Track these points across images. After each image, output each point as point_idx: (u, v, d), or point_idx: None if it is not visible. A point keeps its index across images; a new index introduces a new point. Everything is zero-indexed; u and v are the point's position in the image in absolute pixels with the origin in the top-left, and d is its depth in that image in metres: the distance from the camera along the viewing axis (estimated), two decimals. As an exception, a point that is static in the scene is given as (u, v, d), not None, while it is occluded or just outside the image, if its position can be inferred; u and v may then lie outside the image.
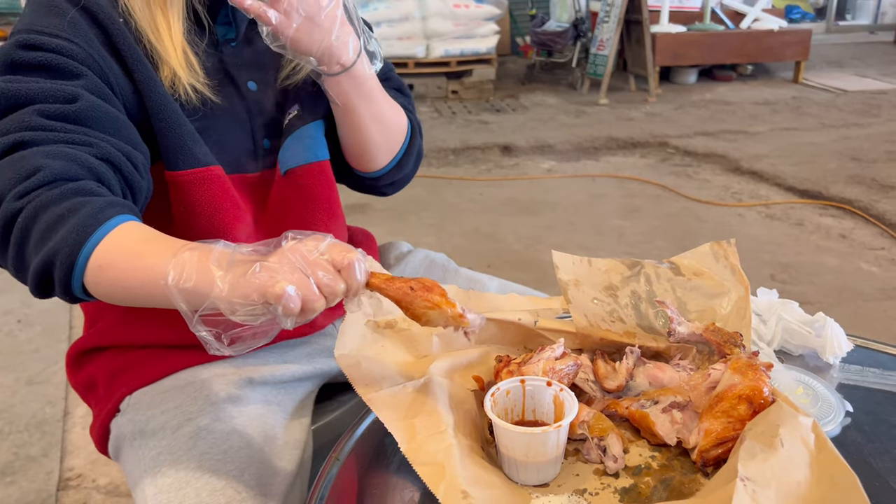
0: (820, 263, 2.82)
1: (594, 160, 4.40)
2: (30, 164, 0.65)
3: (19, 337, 2.34)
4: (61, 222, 0.62)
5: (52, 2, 0.76)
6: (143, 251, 0.62)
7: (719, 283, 0.84)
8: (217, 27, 0.87)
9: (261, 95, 0.90)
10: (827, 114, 5.26)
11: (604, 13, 6.01)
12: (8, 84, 0.70)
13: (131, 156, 0.73)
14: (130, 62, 0.78)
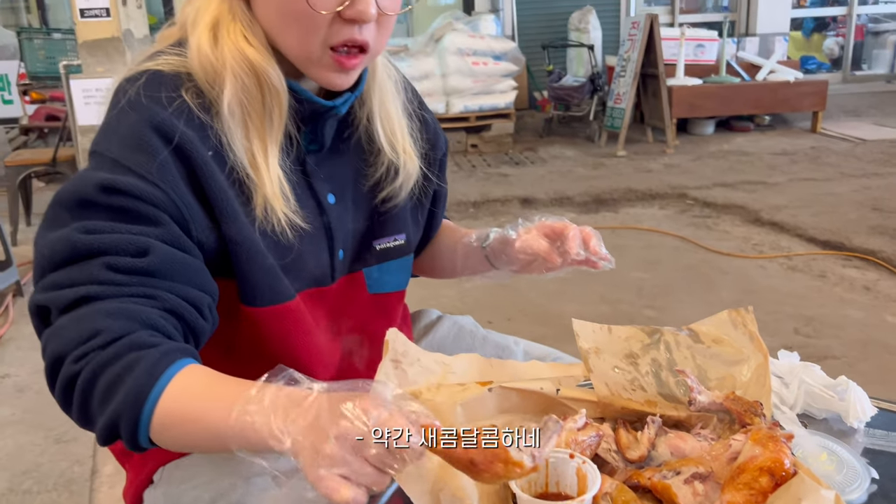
0: (844, 316, 2.79)
1: (613, 212, 4.43)
2: (91, 325, 0.66)
3: (49, 395, 2.37)
4: (119, 382, 0.64)
5: (144, 137, 0.74)
6: (201, 410, 0.63)
7: (738, 351, 0.85)
8: (302, 136, 0.86)
9: (339, 209, 0.90)
10: (846, 163, 5.27)
11: (620, 68, 6.12)
12: (81, 235, 0.70)
13: (197, 301, 0.74)
14: (217, 203, 0.77)
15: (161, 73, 0.79)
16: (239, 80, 0.78)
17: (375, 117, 0.90)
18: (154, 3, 7.15)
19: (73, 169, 4.12)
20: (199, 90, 0.79)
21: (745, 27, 8.10)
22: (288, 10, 0.76)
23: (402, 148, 0.93)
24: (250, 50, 0.78)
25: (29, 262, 3.68)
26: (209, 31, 0.79)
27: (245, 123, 0.79)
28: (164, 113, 0.76)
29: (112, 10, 3.68)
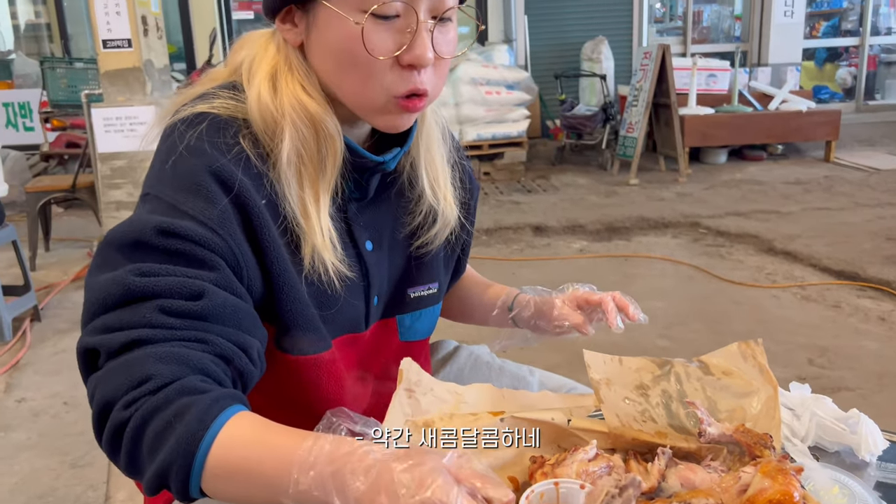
0: (859, 347, 2.78)
1: (625, 240, 4.43)
2: (141, 370, 0.65)
3: (65, 419, 2.40)
4: (170, 429, 0.62)
5: (203, 182, 0.74)
6: (256, 461, 0.61)
7: (748, 383, 0.86)
8: (346, 185, 0.86)
9: (376, 256, 0.90)
10: (860, 193, 5.26)
11: (632, 97, 6.17)
12: (135, 278, 0.69)
13: (247, 346, 0.73)
14: (268, 252, 0.78)
15: (219, 118, 0.79)
16: (297, 130, 0.79)
17: (420, 163, 0.91)
18: (173, 33, 7.29)
19: (91, 195, 4.19)
20: (255, 138, 0.80)
21: (757, 57, 8.15)
22: (346, 59, 0.77)
23: (443, 195, 0.93)
24: (308, 100, 0.79)
25: (47, 286, 3.74)
26: (269, 82, 0.80)
27: (299, 172, 0.80)
28: (224, 159, 0.76)
29: (134, 41, 3.76)
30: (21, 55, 7.51)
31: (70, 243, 4.66)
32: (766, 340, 2.90)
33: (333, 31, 0.77)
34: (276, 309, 0.80)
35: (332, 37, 0.77)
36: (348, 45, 0.76)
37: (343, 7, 0.75)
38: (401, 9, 0.75)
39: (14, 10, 8.81)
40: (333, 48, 0.78)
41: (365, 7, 0.74)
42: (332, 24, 0.77)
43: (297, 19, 0.80)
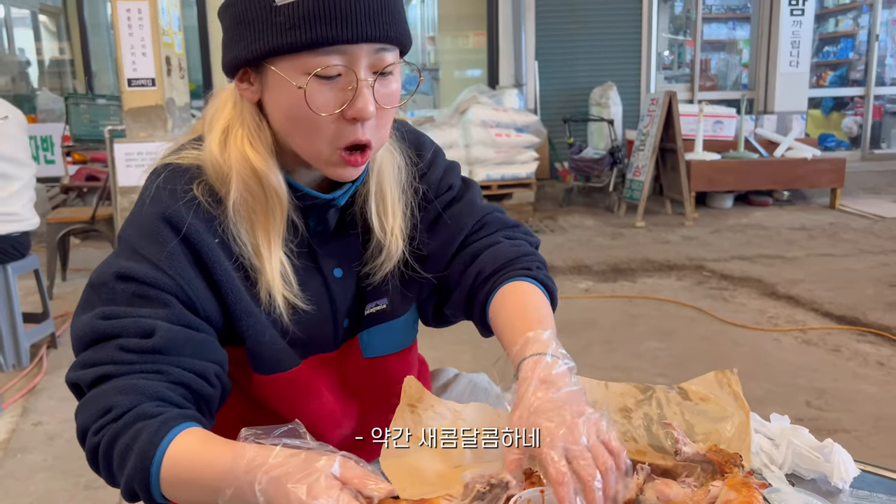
0: (857, 390, 2.82)
1: (631, 281, 4.50)
2: (106, 401, 0.78)
3: (78, 443, 2.47)
4: (129, 451, 0.75)
5: (156, 228, 0.85)
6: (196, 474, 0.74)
7: (723, 409, 0.93)
8: (309, 219, 0.94)
9: (345, 281, 0.98)
10: (864, 240, 5.32)
11: (639, 142, 6.29)
12: (99, 321, 0.81)
13: (203, 371, 0.84)
14: (223, 285, 0.87)
15: (179, 167, 0.90)
16: (243, 182, 0.87)
17: (371, 199, 0.97)
18: (193, 71, 7.53)
19: (110, 227, 4.31)
20: (210, 185, 0.89)
21: (763, 105, 8.29)
22: (294, 115, 0.84)
23: (390, 228, 0.98)
24: (254, 155, 0.87)
25: (63, 314, 3.83)
26: (220, 135, 0.89)
27: (250, 218, 0.89)
28: (176, 205, 0.86)
29: (157, 80, 3.93)
30: (46, 91, 7.75)
31: (86, 273, 4.77)
32: (767, 382, 2.98)
33: (283, 91, 0.84)
34: (238, 333, 0.91)
35: (281, 97, 0.84)
36: (295, 104, 0.83)
37: (288, 72, 0.82)
38: (341, 69, 0.82)
39: (39, 46, 9.11)
40: (283, 107, 0.85)
41: (308, 70, 0.81)
42: (282, 86, 0.83)
43: (253, 79, 0.87)
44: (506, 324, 0.93)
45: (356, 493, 0.68)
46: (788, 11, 7.97)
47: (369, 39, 0.81)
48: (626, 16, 7.88)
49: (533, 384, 0.78)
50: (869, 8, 8.75)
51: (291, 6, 0.79)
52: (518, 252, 1.02)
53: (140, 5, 3.84)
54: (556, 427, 0.74)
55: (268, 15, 0.80)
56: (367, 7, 0.80)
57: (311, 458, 0.70)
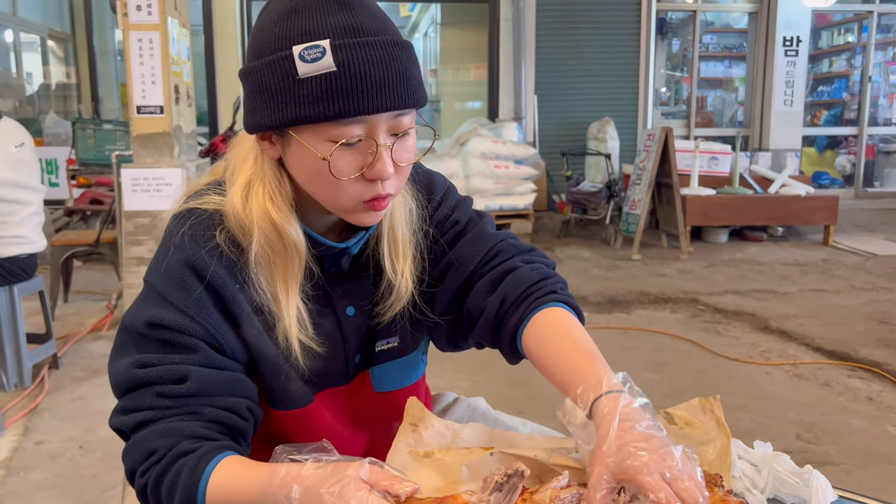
0: (846, 425, 2.87)
1: (626, 313, 4.56)
2: (148, 445, 0.83)
3: (80, 462, 2.51)
4: (174, 488, 0.81)
5: (182, 275, 0.90)
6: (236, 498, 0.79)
7: (706, 433, 0.99)
8: (324, 262, 0.99)
9: (357, 320, 1.03)
10: (856, 276, 5.40)
11: (636, 176, 6.40)
12: (135, 370, 0.87)
13: (235, 407, 0.89)
14: (243, 326, 0.93)
15: (203, 213, 0.94)
16: (264, 235, 0.91)
17: (383, 242, 1.01)
18: (198, 98, 7.65)
19: (113, 251, 4.37)
20: (231, 232, 0.94)
21: (758, 142, 8.44)
22: (315, 177, 0.88)
23: (401, 270, 1.02)
24: (274, 211, 0.91)
25: (65, 336, 3.88)
26: (242, 190, 0.93)
27: (269, 268, 0.93)
28: (200, 252, 0.91)
29: (166, 108, 4.02)
30: (52, 114, 7.86)
31: (88, 296, 4.82)
32: (758, 414, 3.04)
33: (304, 155, 0.87)
34: (256, 371, 0.96)
35: (303, 160, 0.88)
36: (318, 169, 0.87)
37: (310, 139, 0.85)
38: (362, 136, 0.86)
39: (47, 71, 9.26)
40: (305, 169, 0.89)
41: (329, 138, 0.85)
42: (303, 152, 0.87)
43: (274, 140, 0.91)
44: (557, 359, 0.93)
45: (384, 493, 0.74)
46: (783, 52, 8.17)
47: (388, 109, 0.84)
48: (625, 53, 8.05)
49: (617, 418, 0.79)
50: (862, 49, 8.96)
51: (315, 79, 0.82)
52: (539, 275, 1.04)
53: (151, 35, 3.95)
54: (649, 456, 0.74)
55: (291, 86, 0.83)
56: (387, 79, 0.83)
57: (340, 467, 0.75)
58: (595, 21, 7.91)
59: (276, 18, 0.86)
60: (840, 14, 9.28)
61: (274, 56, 0.84)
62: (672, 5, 8.56)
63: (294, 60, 0.83)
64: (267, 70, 0.85)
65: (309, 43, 0.82)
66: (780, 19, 8.12)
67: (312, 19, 0.84)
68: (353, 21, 0.84)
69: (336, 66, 0.82)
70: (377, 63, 0.83)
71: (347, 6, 0.85)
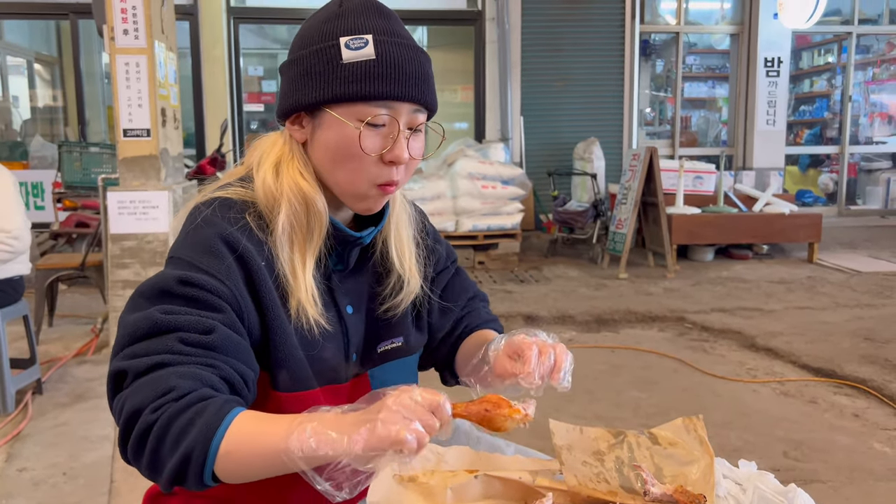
0: (832, 442, 2.88)
1: (614, 332, 4.58)
2: (165, 383, 0.82)
3: (63, 489, 2.48)
4: (191, 425, 0.79)
5: (215, 245, 0.95)
6: (261, 433, 0.78)
7: (690, 452, 1.00)
8: (330, 258, 1.07)
9: (355, 318, 1.09)
10: (841, 294, 5.44)
11: (622, 195, 6.45)
12: (162, 315, 0.88)
13: (245, 375, 0.92)
14: (265, 303, 0.97)
15: (230, 200, 1.02)
16: (292, 206, 1.00)
17: (391, 240, 1.12)
18: (185, 120, 7.66)
19: (99, 274, 4.35)
20: (259, 214, 1.01)
21: (742, 161, 8.53)
22: (341, 153, 0.99)
23: (408, 267, 1.13)
24: (304, 183, 1.01)
25: (50, 360, 3.84)
26: (273, 168, 1.03)
27: (291, 239, 1.00)
28: (231, 229, 0.97)
29: (152, 131, 4.02)
30: (39, 138, 7.84)
31: (73, 319, 4.78)
32: (745, 432, 3.05)
33: (335, 132, 0.99)
34: (269, 348, 0.99)
35: (333, 136, 0.99)
36: (346, 144, 0.98)
37: (345, 116, 0.98)
38: (387, 120, 0.99)
39: (33, 94, 9.24)
40: (333, 146, 0.99)
41: (361, 117, 0.97)
42: (335, 127, 0.99)
43: (305, 122, 1.02)
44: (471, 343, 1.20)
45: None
46: (765, 72, 8.29)
47: (412, 100, 0.99)
48: (609, 74, 8.14)
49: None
50: (842, 70, 9.10)
51: (356, 64, 0.96)
52: (491, 317, 1.28)
53: (138, 59, 3.96)
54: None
55: (335, 69, 0.97)
56: (413, 75, 0.99)
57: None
58: (580, 43, 8.00)
59: (325, 19, 1.01)
60: (820, 35, 9.44)
61: (321, 45, 0.99)
62: (655, 27, 8.68)
63: (340, 48, 0.97)
64: (313, 56, 0.99)
65: (355, 35, 0.98)
66: (762, 41, 8.25)
67: (358, 20, 0.99)
68: (389, 26, 1.00)
69: (376, 55, 0.97)
70: (408, 60, 0.99)
71: (386, 16, 1.01)
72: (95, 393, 3.40)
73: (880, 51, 9.53)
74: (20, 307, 3.26)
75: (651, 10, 8.57)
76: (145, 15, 3.93)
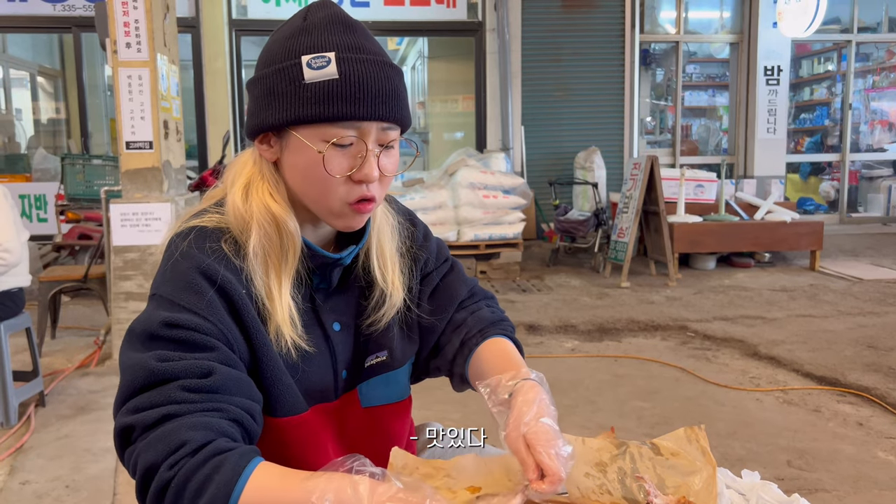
0: (836, 451, 2.87)
1: (616, 341, 4.57)
2: (177, 437, 0.80)
3: (66, 502, 2.47)
4: (209, 481, 0.78)
5: (194, 280, 0.93)
6: (280, 488, 0.78)
7: (692, 463, 1.00)
8: (314, 277, 1.05)
9: (343, 335, 1.08)
10: (843, 301, 5.43)
11: (623, 204, 6.45)
12: (158, 363, 0.86)
13: (251, 410, 0.90)
14: (250, 330, 0.96)
15: (205, 228, 0.99)
16: (262, 229, 0.98)
17: (373, 254, 1.10)
18: (187, 132, 7.69)
19: (102, 286, 4.35)
20: (235, 240, 0.99)
21: (743, 169, 8.55)
22: (309, 175, 0.97)
23: (391, 280, 1.10)
24: (274, 204, 0.99)
25: (52, 373, 3.85)
26: (242, 190, 1.01)
27: (265, 262, 0.98)
28: (208, 259, 0.95)
29: (155, 143, 4.04)
30: (42, 150, 7.87)
31: (76, 332, 4.79)
32: (749, 441, 3.04)
33: (301, 154, 0.96)
34: (258, 375, 0.98)
35: (300, 159, 0.97)
36: (312, 166, 0.96)
37: (309, 138, 0.95)
38: (354, 140, 0.96)
39: (36, 107, 9.29)
40: (301, 167, 0.97)
41: (327, 138, 0.95)
42: (301, 149, 0.96)
43: (273, 142, 1.00)
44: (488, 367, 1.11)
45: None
46: (764, 81, 8.31)
47: (379, 119, 0.96)
48: (610, 83, 8.17)
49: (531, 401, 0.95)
50: (842, 78, 9.13)
51: (318, 84, 0.93)
52: (496, 317, 1.20)
53: (141, 72, 3.98)
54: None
55: (297, 90, 0.94)
56: (380, 93, 0.95)
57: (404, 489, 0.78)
58: (580, 52, 8.04)
59: (289, 35, 0.98)
60: (819, 44, 9.47)
61: (284, 64, 0.95)
62: (655, 37, 8.71)
63: (302, 67, 0.94)
64: (276, 76, 0.96)
65: (317, 53, 0.94)
66: (761, 49, 8.28)
67: (321, 36, 0.96)
68: (355, 41, 0.96)
69: (339, 74, 0.93)
70: (374, 77, 0.95)
71: (351, 30, 0.98)
72: (98, 405, 3.40)
73: (880, 58, 9.56)
74: (22, 320, 3.26)
75: (651, 20, 8.60)
76: (147, 28, 3.95)
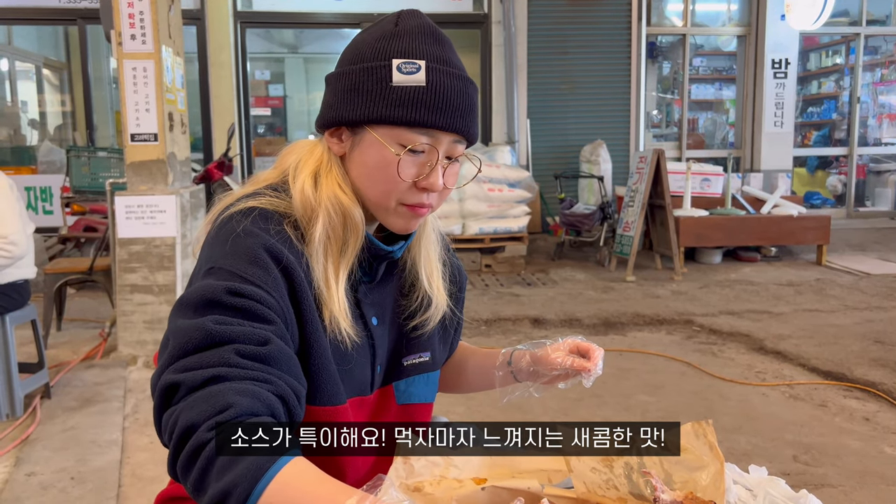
0: (843, 446, 2.86)
1: (621, 335, 4.56)
2: (223, 399, 0.77)
3: (71, 493, 2.48)
4: (238, 459, 0.74)
5: (260, 256, 0.93)
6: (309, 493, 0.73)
7: (699, 458, 0.98)
8: (359, 269, 1.07)
9: (380, 330, 1.10)
10: (850, 296, 5.41)
11: (629, 198, 6.43)
12: (216, 325, 0.84)
13: (297, 391, 0.88)
14: (306, 315, 0.96)
15: (266, 211, 1.00)
16: (329, 217, 1.00)
17: (420, 260, 1.13)
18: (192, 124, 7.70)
19: (107, 278, 4.36)
20: (296, 224, 1.00)
21: (749, 163, 8.50)
22: (378, 173, 1.00)
23: (436, 286, 1.14)
24: (342, 195, 1.01)
25: (58, 364, 3.85)
26: (311, 178, 1.02)
27: (326, 250, 1.00)
28: (273, 240, 0.96)
29: (160, 135, 4.03)
30: (46, 142, 7.88)
31: (81, 324, 4.80)
32: (754, 436, 3.03)
33: (374, 152, 0.99)
34: (306, 361, 0.97)
35: (370, 157, 1.00)
36: (383, 166, 0.99)
37: (385, 138, 0.98)
38: (427, 147, 0.99)
39: (42, 99, 9.30)
40: (371, 164, 1.00)
41: (402, 142, 0.98)
42: (374, 148, 0.99)
43: (345, 137, 1.03)
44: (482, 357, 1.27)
45: None
46: (772, 74, 8.26)
47: (455, 131, 1.00)
48: (616, 76, 8.13)
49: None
50: (850, 71, 9.06)
51: (405, 89, 0.97)
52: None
53: (146, 64, 3.97)
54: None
55: (383, 90, 0.97)
56: (460, 106, 0.99)
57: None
58: (586, 45, 8.00)
59: (380, 37, 1.00)
60: (828, 36, 9.40)
61: (372, 63, 0.98)
62: (662, 29, 8.66)
63: (392, 70, 0.97)
64: (363, 73, 0.99)
65: (408, 59, 0.97)
66: (769, 42, 8.22)
67: (413, 43, 0.99)
68: (443, 54, 1.00)
69: (426, 82, 0.97)
70: (457, 91, 0.99)
71: (441, 42, 1.01)
72: (104, 397, 3.40)
73: (888, 52, 9.48)
74: (28, 311, 3.27)
75: (657, 12, 8.55)
76: (153, 20, 3.94)
